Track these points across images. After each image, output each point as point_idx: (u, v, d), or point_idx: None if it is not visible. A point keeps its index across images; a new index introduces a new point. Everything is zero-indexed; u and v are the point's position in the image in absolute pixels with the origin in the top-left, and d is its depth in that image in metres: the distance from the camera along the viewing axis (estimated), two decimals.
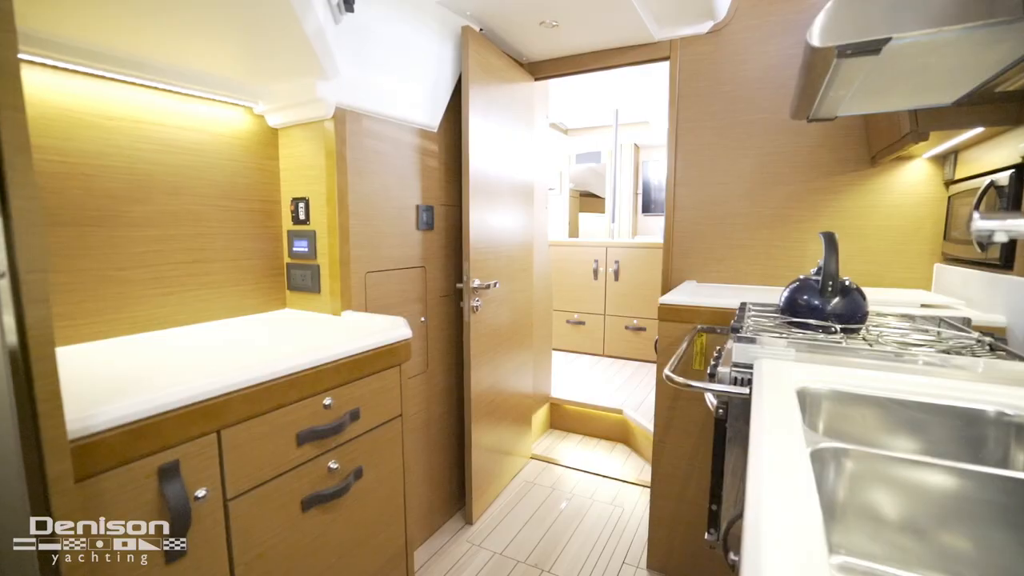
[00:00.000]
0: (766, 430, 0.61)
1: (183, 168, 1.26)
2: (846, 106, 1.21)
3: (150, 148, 1.19)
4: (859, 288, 1.15)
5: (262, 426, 0.87)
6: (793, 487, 0.49)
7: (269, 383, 0.88)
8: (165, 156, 1.22)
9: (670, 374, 1.05)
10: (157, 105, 1.20)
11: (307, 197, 1.44)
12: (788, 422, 0.63)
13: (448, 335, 1.91)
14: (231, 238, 1.38)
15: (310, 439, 0.96)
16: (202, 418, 0.77)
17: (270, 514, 0.90)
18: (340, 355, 1.03)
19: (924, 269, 1.72)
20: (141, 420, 0.70)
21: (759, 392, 0.75)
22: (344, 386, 1.04)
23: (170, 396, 0.73)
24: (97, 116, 1.10)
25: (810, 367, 0.89)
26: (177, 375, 0.82)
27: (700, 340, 1.52)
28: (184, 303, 1.28)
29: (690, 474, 1.62)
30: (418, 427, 1.75)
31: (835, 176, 1.82)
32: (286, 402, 0.91)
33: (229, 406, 0.81)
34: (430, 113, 1.71)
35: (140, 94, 1.16)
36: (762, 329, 1.10)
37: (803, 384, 0.81)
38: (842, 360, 0.92)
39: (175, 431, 0.73)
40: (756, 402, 0.71)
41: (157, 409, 0.71)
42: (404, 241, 1.65)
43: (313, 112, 1.35)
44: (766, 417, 0.64)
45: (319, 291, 1.45)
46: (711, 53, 1.96)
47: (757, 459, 0.54)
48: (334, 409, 1.02)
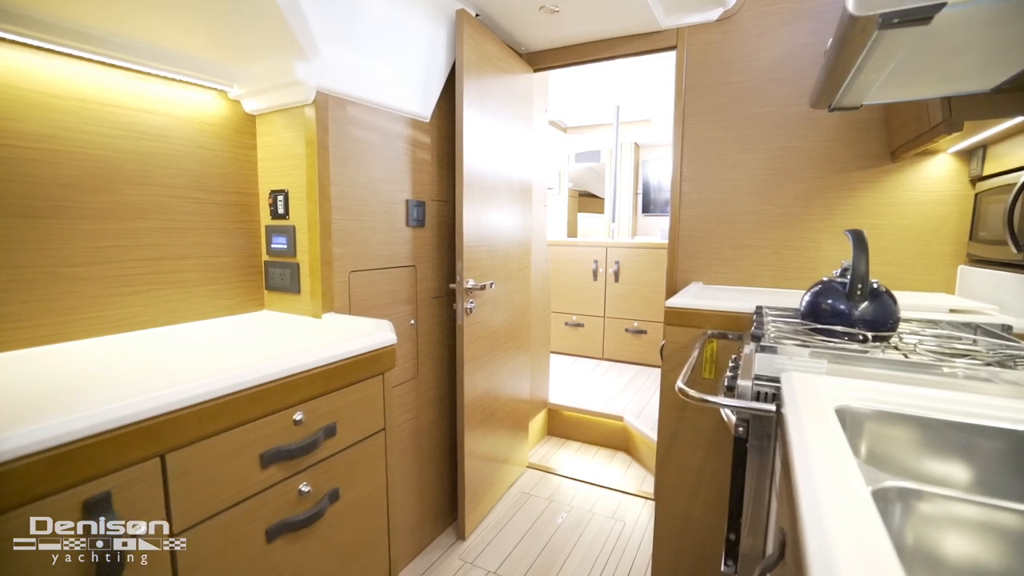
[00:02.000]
0: (814, 464, 0.50)
1: (148, 156, 1.15)
2: (875, 93, 1.11)
3: (110, 133, 1.08)
4: (889, 291, 1.05)
5: (219, 447, 0.76)
6: (861, 541, 0.38)
7: (228, 397, 0.77)
8: (127, 142, 1.11)
9: (683, 387, 0.94)
10: (117, 85, 1.08)
11: (286, 189, 1.32)
12: (837, 452, 0.53)
13: (440, 338, 1.80)
14: (203, 233, 1.27)
15: (277, 460, 0.85)
16: (143, 440, 0.66)
17: (228, 548, 0.78)
18: (314, 363, 0.92)
19: (946, 271, 1.61)
20: (63, 445, 0.59)
21: (795, 414, 0.64)
22: (318, 398, 0.93)
23: (102, 415, 0.62)
24: (48, 95, 0.98)
25: (844, 381, 0.78)
26: (120, 387, 0.70)
27: (710, 347, 1.42)
28: (149, 304, 1.17)
29: (697, 489, 1.51)
30: (407, 437, 1.64)
31: (851, 172, 1.71)
32: (249, 418, 0.80)
33: (177, 425, 0.70)
34: (421, 102, 1.60)
35: (97, 72, 1.05)
36: (784, 336, 1.00)
37: (842, 402, 0.70)
38: (878, 373, 0.81)
39: (107, 457, 0.62)
40: (794, 426, 0.60)
41: (84, 431, 0.60)
42: (392, 238, 1.54)
43: (292, 96, 1.24)
44: (811, 446, 0.54)
45: (299, 291, 1.33)
46: (720, 42, 1.85)
47: (812, 504, 0.43)
48: (306, 425, 0.90)
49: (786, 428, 0.64)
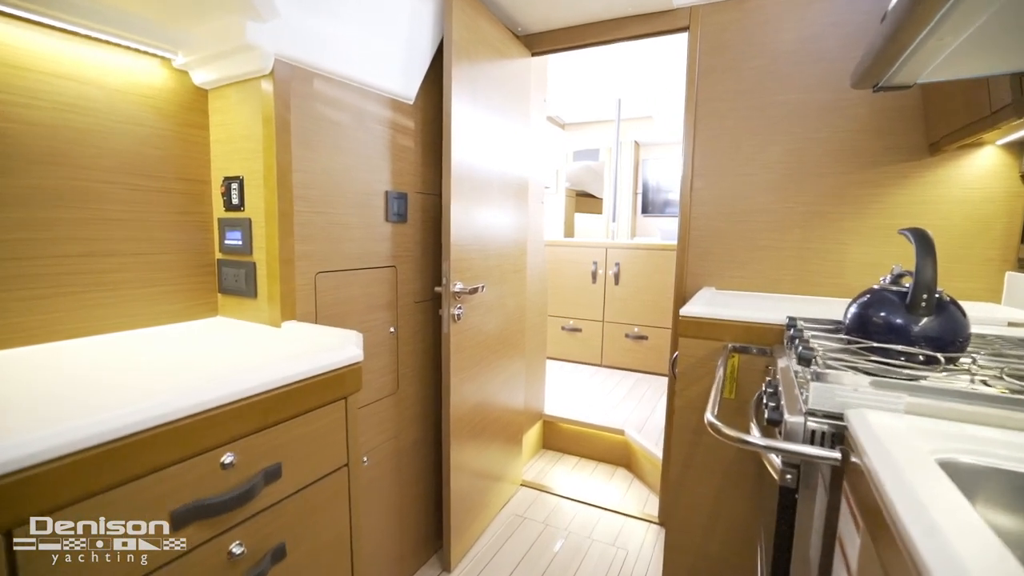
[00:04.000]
0: (951, 544, 0.32)
1: (69, 131, 0.95)
2: (939, 67, 0.93)
3: (15, 101, 0.88)
4: (954, 301, 0.87)
5: (104, 509, 0.57)
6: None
7: (121, 441, 0.58)
8: (40, 113, 0.91)
9: (715, 422, 0.75)
10: (28, 44, 0.89)
11: (241, 176, 1.13)
12: (970, 525, 0.35)
13: (424, 348, 1.60)
14: (141, 226, 1.08)
15: (196, 518, 0.65)
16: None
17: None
18: (250, 390, 0.73)
19: (991, 278, 1.44)
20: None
21: (888, 468, 0.46)
22: (256, 434, 0.74)
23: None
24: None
25: (937, 425, 0.60)
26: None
27: (731, 362, 1.24)
28: (69, 309, 0.97)
29: (714, 523, 1.33)
30: (385, 460, 1.45)
31: (883, 167, 1.54)
32: (155, 467, 0.61)
33: (39, 484, 0.51)
34: (403, 81, 1.41)
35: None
36: (833, 357, 0.82)
37: (945, 454, 0.52)
38: (973, 412, 0.63)
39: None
40: (893, 485, 0.42)
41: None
42: (369, 235, 1.35)
43: (246, 66, 1.05)
44: (935, 516, 0.36)
45: (255, 295, 1.14)
46: (738, 22, 1.68)
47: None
48: (239, 468, 0.71)
49: (877, 486, 0.46)
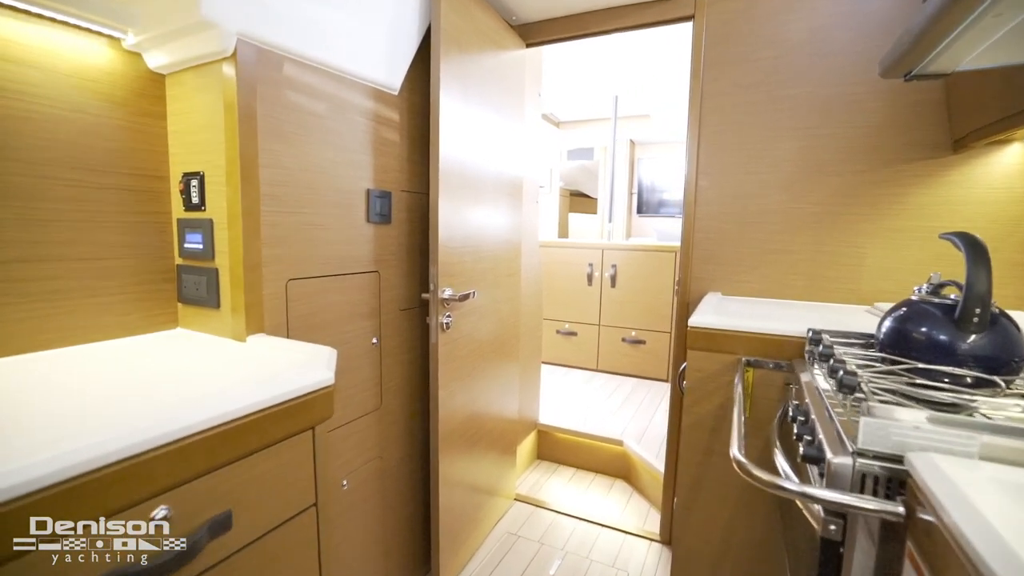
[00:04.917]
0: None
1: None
2: (984, 52, 0.83)
3: None
4: (1006, 313, 0.77)
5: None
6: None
7: (16, 502, 0.46)
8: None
9: (742, 460, 0.64)
10: None
11: (201, 172, 1.01)
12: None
13: (410, 359, 1.49)
14: (87, 227, 0.95)
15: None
16: None
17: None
18: (189, 428, 0.61)
19: (1019, 284, 1.35)
20: None
21: (998, 552, 0.35)
22: (199, 479, 0.62)
23: None
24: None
25: (1012, 473, 0.50)
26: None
27: (747, 377, 1.13)
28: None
29: (724, 554, 1.22)
30: (368, 482, 1.33)
31: (901, 165, 1.44)
32: (56, 533, 0.49)
33: None
34: (387, 68, 1.29)
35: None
36: (877, 382, 0.71)
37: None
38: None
39: None
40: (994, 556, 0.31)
41: None
42: (348, 237, 1.23)
43: (205, 47, 0.93)
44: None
45: (218, 305, 1.02)
46: (746, 11, 1.57)
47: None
48: (177, 522, 0.59)
49: (974, 560, 0.35)
